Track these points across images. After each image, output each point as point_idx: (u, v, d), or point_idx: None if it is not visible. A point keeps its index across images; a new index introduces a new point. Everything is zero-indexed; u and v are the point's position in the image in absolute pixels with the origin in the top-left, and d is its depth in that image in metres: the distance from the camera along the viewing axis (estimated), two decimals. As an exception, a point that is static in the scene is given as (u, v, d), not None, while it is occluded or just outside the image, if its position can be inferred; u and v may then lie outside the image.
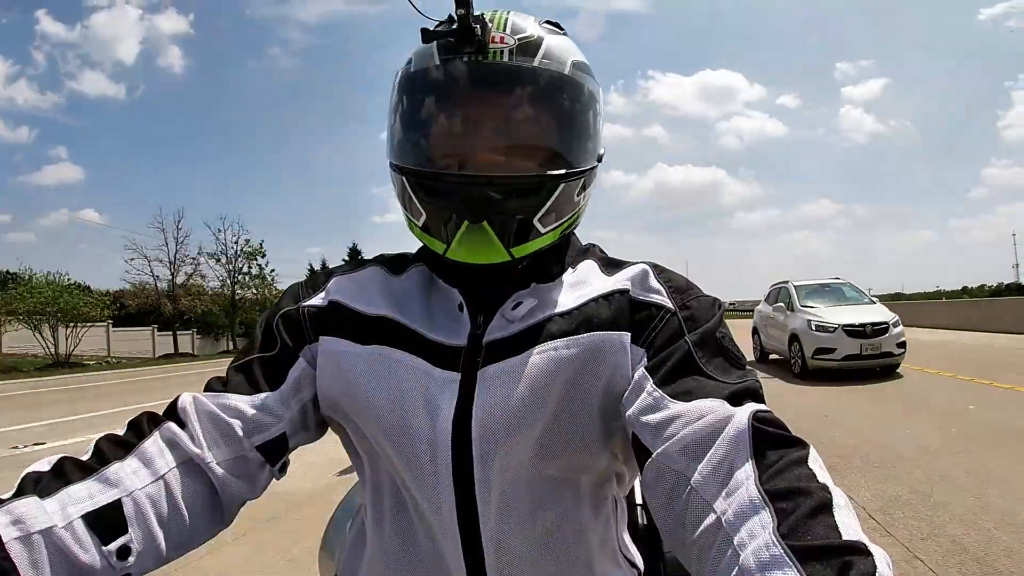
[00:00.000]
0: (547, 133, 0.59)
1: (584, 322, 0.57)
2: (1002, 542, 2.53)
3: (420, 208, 0.59)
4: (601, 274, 0.62)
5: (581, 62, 0.61)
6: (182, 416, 0.56)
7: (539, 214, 0.58)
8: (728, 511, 0.41)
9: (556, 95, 0.59)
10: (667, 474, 0.47)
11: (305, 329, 0.62)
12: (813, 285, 9.63)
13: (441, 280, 0.63)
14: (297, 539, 2.97)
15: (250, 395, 0.58)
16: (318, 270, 0.70)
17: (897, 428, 4.79)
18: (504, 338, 0.57)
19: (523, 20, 0.60)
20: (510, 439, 0.54)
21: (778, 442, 0.44)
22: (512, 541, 0.55)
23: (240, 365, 0.61)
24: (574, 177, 0.59)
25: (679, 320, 0.56)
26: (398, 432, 0.56)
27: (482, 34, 0.56)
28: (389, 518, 0.59)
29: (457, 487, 0.54)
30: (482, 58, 0.57)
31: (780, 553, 0.35)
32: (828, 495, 0.39)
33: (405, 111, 0.61)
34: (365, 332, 0.60)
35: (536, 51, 0.58)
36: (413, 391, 0.56)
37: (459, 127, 0.59)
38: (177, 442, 0.54)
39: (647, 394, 0.52)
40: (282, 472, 0.61)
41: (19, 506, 0.45)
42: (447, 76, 0.58)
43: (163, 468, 0.53)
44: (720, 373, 0.52)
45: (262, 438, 0.58)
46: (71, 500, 0.47)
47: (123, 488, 0.50)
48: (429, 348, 0.58)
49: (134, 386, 11.67)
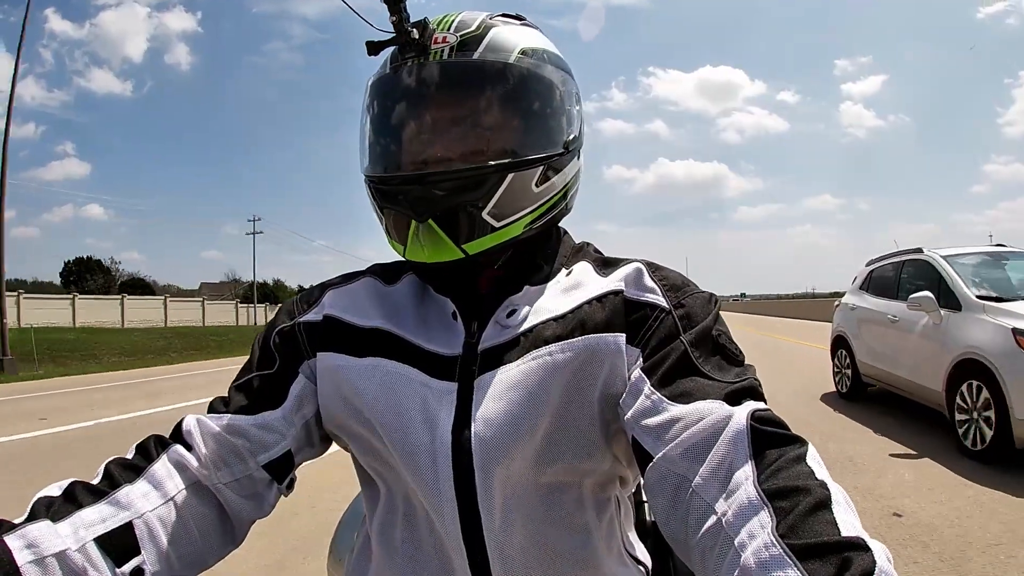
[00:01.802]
0: (491, 124, 0.58)
1: (578, 325, 0.57)
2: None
3: (380, 214, 0.60)
4: (595, 275, 0.62)
5: (535, 49, 0.61)
6: (187, 439, 0.57)
7: (487, 208, 0.57)
8: (728, 512, 0.41)
9: (498, 85, 0.58)
10: (669, 477, 0.47)
11: (302, 345, 0.62)
12: (978, 257, 4.75)
13: (432, 289, 0.63)
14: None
15: (253, 414, 0.59)
16: (312, 285, 0.68)
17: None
18: (499, 345, 0.57)
19: (472, 17, 0.60)
20: (510, 447, 0.54)
21: (777, 441, 0.44)
22: (516, 548, 0.55)
23: (241, 384, 0.61)
24: (522, 167, 0.58)
25: (674, 319, 0.56)
26: (398, 444, 0.56)
27: (422, 36, 0.57)
28: (394, 528, 0.60)
29: (459, 496, 0.54)
30: (423, 60, 0.57)
31: (779, 553, 0.36)
32: (827, 492, 0.39)
33: (363, 122, 0.63)
34: (361, 345, 0.60)
35: (478, 45, 0.58)
36: (411, 403, 0.56)
37: (407, 130, 0.59)
38: (185, 464, 0.55)
39: (645, 397, 0.51)
40: (289, 489, 0.62)
41: (32, 530, 0.46)
42: (393, 84, 0.59)
43: (172, 490, 0.54)
44: (718, 372, 0.51)
45: (267, 457, 0.58)
46: (83, 523, 0.48)
47: (134, 511, 0.51)
48: (425, 358, 0.58)
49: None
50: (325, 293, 0.65)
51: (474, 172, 0.56)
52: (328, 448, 0.66)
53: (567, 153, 0.62)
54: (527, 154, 0.58)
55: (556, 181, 0.61)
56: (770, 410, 0.47)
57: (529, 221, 0.60)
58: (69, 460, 4.54)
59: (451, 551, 0.55)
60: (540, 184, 0.59)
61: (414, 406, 0.56)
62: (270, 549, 2.68)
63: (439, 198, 0.56)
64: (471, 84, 0.57)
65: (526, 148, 0.58)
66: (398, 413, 0.56)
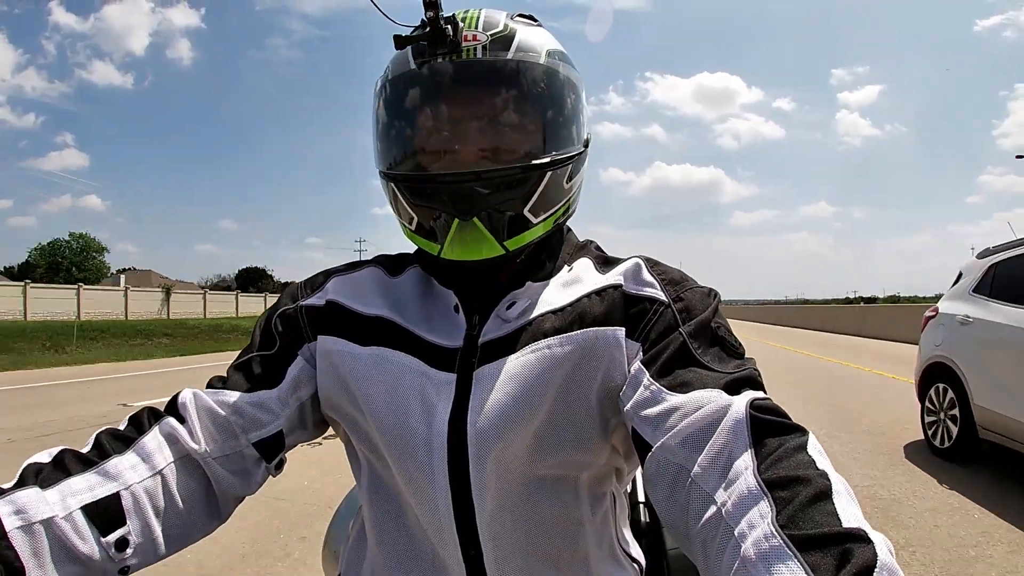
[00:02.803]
0: (529, 123, 0.59)
1: (578, 319, 0.57)
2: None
3: (411, 212, 0.60)
4: (595, 271, 0.63)
5: (557, 51, 0.62)
6: (182, 412, 0.57)
7: (529, 204, 0.58)
8: (728, 502, 0.41)
9: (534, 84, 0.59)
10: (668, 467, 0.47)
11: (303, 328, 0.63)
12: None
13: (436, 282, 0.64)
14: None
15: (248, 392, 0.59)
16: (318, 272, 0.68)
17: None
18: (499, 338, 0.58)
19: (495, 16, 0.61)
20: (505, 438, 0.54)
21: (777, 429, 0.43)
22: (510, 539, 0.55)
23: (240, 364, 0.62)
24: (560, 164, 0.59)
25: (673, 312, 0.56)
26: (395, 433, 0.56)
27: (454, 34, 0.57)
28: (388, 518, 0.60)
29: (453, 487, 0.54)
30: (456, 57, 0.57)
31: (780, 543, 0.35)
32: (827, 482, 0.39)
33: (386, 118, 0.62)
34: (363, 332, 0.61)
35: (510, 44, 0.58)
36: (410, 392, 0.57)
37: (441, 127, 0.59)
38: (176, 437, 0.55)
39: (644, 387, 0.52)
40: (278, 469, 0.62)
41: (21, 496, 0.46)
42: (423, 79, 0.59)
43: (161, 463, 0.54)
44: (717, 363, 0.51)
45: (259, 435, 0.59)
46: (71, 492, 0.49)
47: (122, 481, 0.51)
48: (426, 349, 0.58)
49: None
50: (329, 279, 0.66)
51: (519, 170, 0.57)
52: (322, 433, 0.66)
53: (585, 151, 0.63)
54: (561, 152, 0.59)
55: (578, 178, 0.63)
56: (769, 399, 0.46)
57: (556, 217, 0.62)
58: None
59: (445, 541, 0.55)
60: (568, 181, 0.61)
61: (412, 395, 0.56)
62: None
63: (484, 196, 0.56)
64: (509, 82, 0.58)
65: (560, 146, 0.60)
66: (396, 401, 0.56)
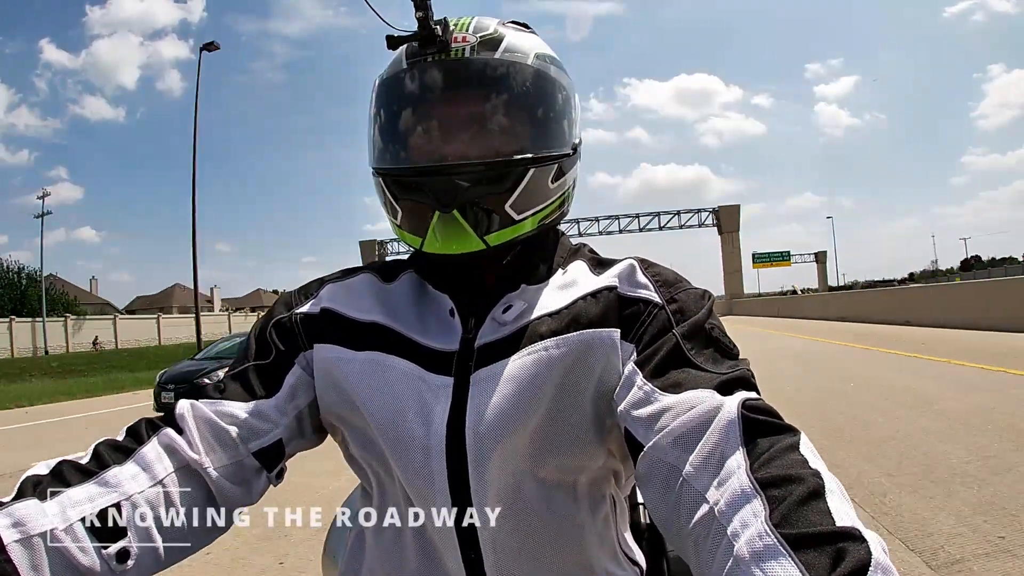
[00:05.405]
0: (513, 121, 0.60)
1: (573, 321, 0.58)
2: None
3: (396, 206, 0.60)
4: (590, 274, 0.63)
5: (546, 54, 0.63)
6: (180, 422, 0.56)
7: (510, 200, 0.58)
8: (720, 501, 0.40)
9: (519, 84, 0.60)
10: (660, 466, 0.47)
11: (299, 336, 0.63)
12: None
13: (431, 286, 0.63)
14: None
15: (246, 402, 0.59)
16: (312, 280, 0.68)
17: None
18: (495, 341, 0.58)
19: (486, 21, 0.62)
20: (504, 441, 0.54)
21: (769, 429, 0.43)
22: (510, 542, 0.55)
23: (236, 373, 0.62)
24: (542, 162, 0.59)
25: (667, 313, 0.56)
26: (393, 438, 0.56)
27: (444, 34, 0.58)
28: (388, 522, 0.59)
29: (452, 490, 0.54)
30: (445, 56, 0.58)
31: (773, 542, 0.35)
32: (820, 481, 0.39)
33: (379, 117, 0.63)
34: (358, 338, 0.61)
35: (498, 45, 0.59)
36: (407, 397, 0.57)
37: (428, 124, 0.60)
38: (175, 448, 0.55)
39: (637, 388, 0.52)
40: (279, 478, 0.62)
41: (19, 508, 0.46)
42: (414, 78, 0.60)
43: (161, 473, 0.53)
44: (710, 364, 0.51)
45: (258, 444, 0.58)
46: (71, 503, 0.48)
47: (122, 492, 0.50)
48: (422, 354, 0.58)
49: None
50: (323, 287, 0.66)
51: (499, 164, 0.58)
52: (322, 441, 0.66)
53: (573, 154, 0.64)
54: (545, 151, 0.60)
55: (566, 180, 0.63)
56: (762, 399, 0.46)
57: (542, 217, 0.62)
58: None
59: (444, 544, 0.55)
60: (554, 181, 0.61)
61: (409, 400, 0.56)
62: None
63: (464, 189, 0.56)
64: (495, 81, 0.59)
65: (544, 145, 0.60)
66: (393, 406, 0.56)
